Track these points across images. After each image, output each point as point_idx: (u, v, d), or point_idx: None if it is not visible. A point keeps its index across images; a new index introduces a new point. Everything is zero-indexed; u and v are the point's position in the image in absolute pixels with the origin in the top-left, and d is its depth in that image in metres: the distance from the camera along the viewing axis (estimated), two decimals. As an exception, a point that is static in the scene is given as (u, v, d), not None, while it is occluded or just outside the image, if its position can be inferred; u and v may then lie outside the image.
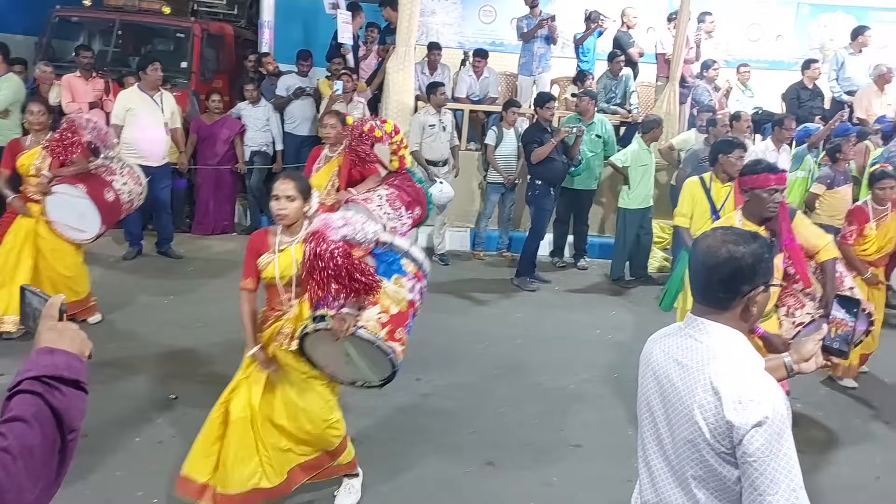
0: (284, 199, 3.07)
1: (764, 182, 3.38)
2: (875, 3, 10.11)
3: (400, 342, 3.04)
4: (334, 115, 5.19)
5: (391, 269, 3.09)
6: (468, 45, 9.75)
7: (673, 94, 8.35)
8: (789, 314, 3.61)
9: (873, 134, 7.76)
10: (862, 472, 4.14)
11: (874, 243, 5.13)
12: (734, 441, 1.62)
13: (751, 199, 3.45)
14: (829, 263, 3.70)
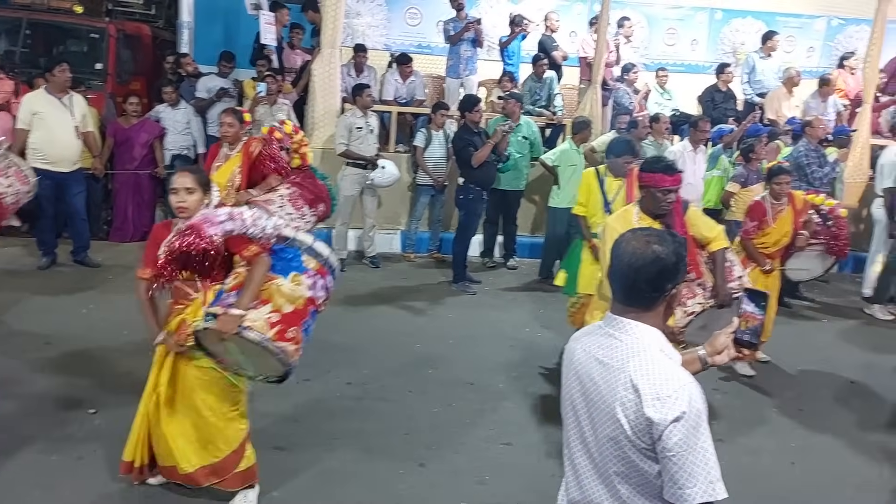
0: (184, 192, 3.07)
1: (660, 182, 3.51)
2: (782, 9, 10.63)
3: (292, 341, 2.97)
4: (231, 113, 5.16)
5: (290, 266, 3.04)
6: (394, 48, 9.74)
7: (595, 97, 8.55)
8: (681, 304, 3.70)
9: (784, 134, 8.14)
10: (778, 458, 4.33)
11: (772, 237, 5.37)
12: (654, 437, 1.65)
13: (646, 196, 3.58)
14: (719, 254, 3.85)
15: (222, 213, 2.96)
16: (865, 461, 4.23)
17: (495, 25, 9.86)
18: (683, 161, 7.15)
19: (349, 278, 7.27)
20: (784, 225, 5.37)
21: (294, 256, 3.07)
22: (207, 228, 2.88)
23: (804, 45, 10.88)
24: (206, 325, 2.88)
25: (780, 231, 5.36)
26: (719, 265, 3.81)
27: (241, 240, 2.96)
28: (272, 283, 2.97)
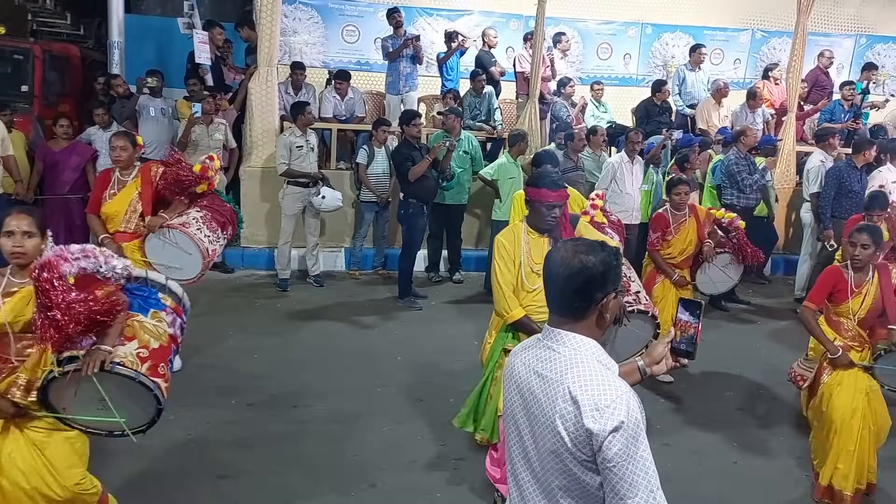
0: (20, 236, 2.76)
1: (544, 197, 3.48)
2: (709, 23, 11.02)
3: (163, 378, 2.87)
4: (123, 136, 4.96)
5: (148, 304, 2.97)
6: (333, 65, 9.71)
7: (533, 111, 8.68)
8: None
9: (715, 143, 8.42)
10: (721, 458, 4.44)
11: (676, 247, 5.49)
12: (594, 448, 1.65)
13: (532, 211, 3.56)
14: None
15: (76, 250, 2.77)
16: (803, 459, 4.35)
17: (433, 42, 9.95)
18: (622, 172, 7.35)
19: (293, 299, 7.18)
20: (687, 235, 5.49)
21: (150, 294, 3.00)
22: (62, 265, 2.66)
23: (731, 58, 11.29)
24: (69, 367, 2.65)
25: (684, 241, 5.48)
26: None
27: (93, 279, 2.79)
28: (133, 319, 2.87)
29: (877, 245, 3.94)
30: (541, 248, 3.51)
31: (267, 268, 7.92)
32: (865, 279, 3.98)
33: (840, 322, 4.04)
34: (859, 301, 3.96)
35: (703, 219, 5.60)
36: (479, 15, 10.26)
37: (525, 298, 3.54)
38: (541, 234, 3.56)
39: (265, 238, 8.13)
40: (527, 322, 3.50)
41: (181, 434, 4.30)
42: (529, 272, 3.50)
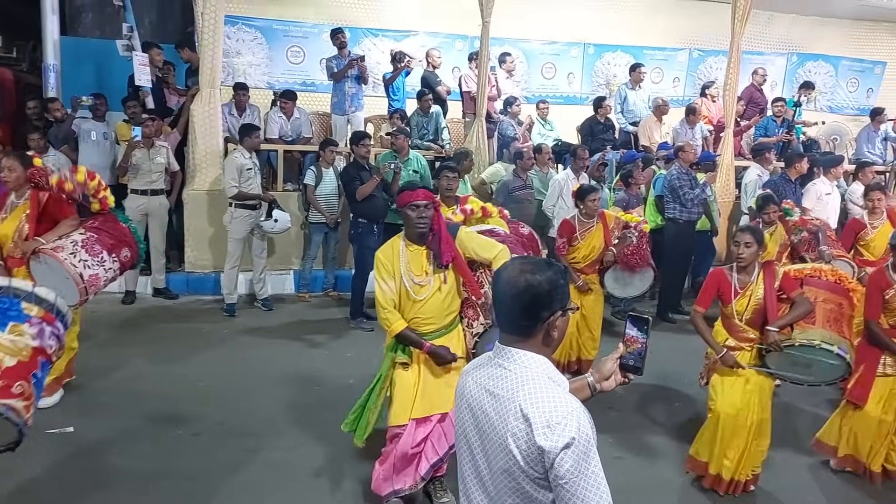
0: None
1: (407, 199, 3.46)
2: (648, 43, 11.33)
3: (21, 397, 2.72)
4: (13, 156, 4.80)
5: (7, 317, 2.81)
6: (278, 86, 9.63)
7: (481, 130, 8.75)
8: (469, 325, 3.74)
9: (659, 160, 8.62)
10: (673, 469, 4.49)
11: (581, 252, 5.64)
12: (546, 465, 1.65)
13: (405, 221, 3.53)
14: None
15: None
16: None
17: (379, 63, 9.97)
18: (568, 189, 7.44)
19: (240, 323, 7.03)
20: (592, 241, 5.66)
21: (11, 305, 2.84)
22: None
23: (670, 76, 11.63)
24: None
25: (588, 246, 5.64)
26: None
27: None
28: None
29: (759, 244, 4.02)
30: (420, 260, 3.52)
31: (213, 293, 7.74)
32: (749, 280, 4.04)
33: (732, 323, 4.11)
34: (744, 302, 4.03)
35: (610, 225, 5.74)
36: (425, 35, 10.33)
37: (410, 311, 3.55)
38: (419, 244, 3.53)
39: (210, 262, 7.96)
40: (408, 334, 3.53)
41: (124, 465, 4.15)
42: (412, 284, 3.50)
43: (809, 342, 3.91)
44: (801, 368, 4.03)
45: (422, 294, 3.52)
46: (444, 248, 3.51)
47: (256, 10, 9.78)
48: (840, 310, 4.13)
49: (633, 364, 1.96)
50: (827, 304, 4.10)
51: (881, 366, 4.22)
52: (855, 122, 11.74)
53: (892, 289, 4.17)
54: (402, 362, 3.63)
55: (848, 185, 8.86)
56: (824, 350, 3.89)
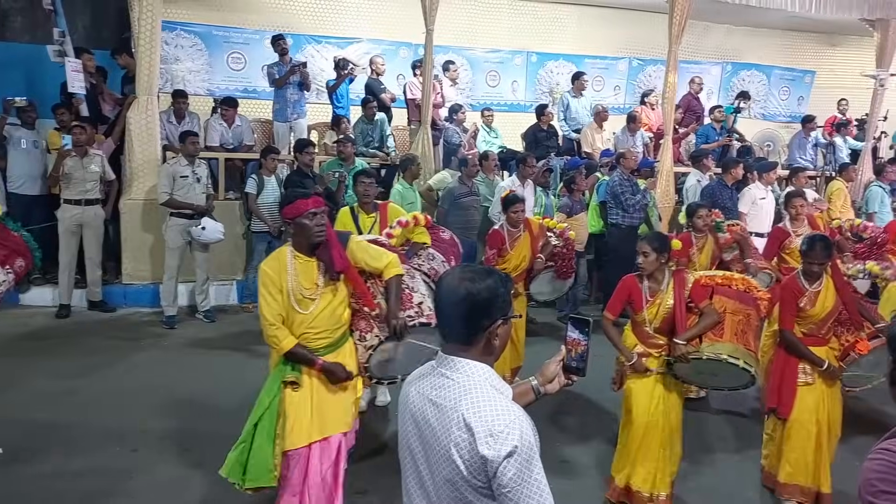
0: None
1: (302, 207, 3.27)
2: (589, 52, 11.54)
3: None
4: None
5: None
6: (218, 93, 9.45)
7: (426, 137, 8.75)
8: (362, 339, 3.60)
9: (602, 166, 8.76)
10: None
11: (512, 262, 5.54)
12: (489, 474, 1.64)
13: (297, 230, 3.33)
14: (392, 281, 3.63)
15: None
16: (699, 470, 4.53)
17: (322, 70, 9.88)
18: (513, 195, 7.50)
19: (181, 336, 6.84)
20: (522, 250, 5.60)
21: None
22: None
23: (611, 84, 11.86)
24: None
25: (519, 256, 5.59)
26: (393, 292, 3.60)
27: None
28: None
29: (659, 252, 3.95)
30: (310, 272, 3.33)
31: (152, 305, 7.51)
32: (659, 289, 4.00)
33: (642, 330, 4.07)
34: (654, 310, 3.99)
35: (536, 232, 5.72)
36: (368, 43, 10.30)
37: (299, 326, 3.35)
38: (309, 254, 3.35)
39: (149, 273, 7.73)
40: (299, 351, 3.34)
41: (63, 487, 3.98)
42: (301, 298, 3.30)
43: (716, 356, 3.87)
44: (709, 376, 4.04)
45: (309, 308, 3.33)
46: (335, 256, 3.36)
47: (196, 15, 9.59)
48: (748, 320, 4.06)
49: (575, 366, 1.97)
50: (735, 316, 4.04)
51: (801, 374, 4.16)
52: (787, 128, 12.19)
53: (804, 296, 4.12)
54: (291, 381, 3.38)
55: (782, 190, 9.17)
56: (730, 364, 3.86)
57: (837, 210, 8.82)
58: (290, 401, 3.38)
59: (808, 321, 4.16)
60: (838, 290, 4.17)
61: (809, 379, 4.14)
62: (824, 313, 4.12)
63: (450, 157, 8.97)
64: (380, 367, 3.70)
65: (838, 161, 10.12)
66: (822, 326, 4.17)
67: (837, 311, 4.17)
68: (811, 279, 4.13)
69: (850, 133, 10.85)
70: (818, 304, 4.11)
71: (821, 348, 4.17)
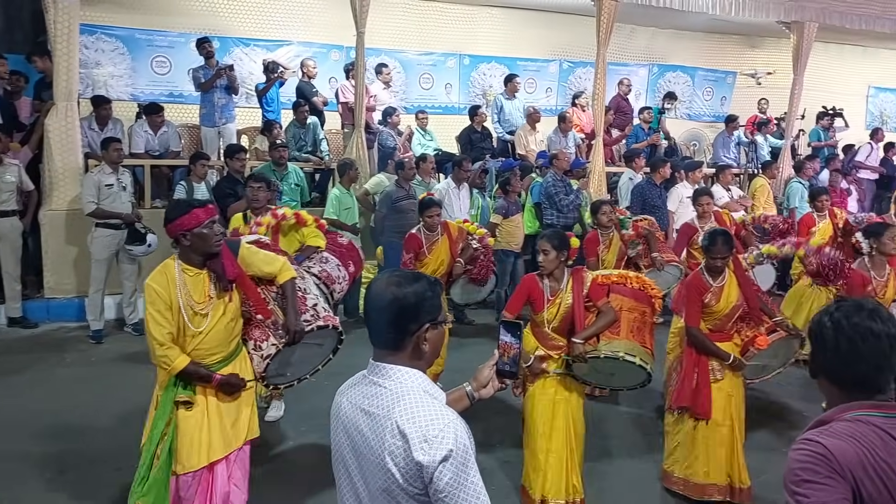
0: None
1: (199, 218, 3.12)
2: (520, 55, 11.67)
3: None
4: None
5: None
6: (143, 98, 9.15)
7: (360, 141, 8.67)
8: (257, 348, 3.47)
9: (536, 168, 8.86)
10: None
11: (430, 266, 5.47)
12: (425, 480, 1.63)
13: (194, 241, 3.13)
14: (287, 285, 3.56)
15: None
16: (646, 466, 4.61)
17: (252, 73, 9.70)
18: (449, 198, 7.52)
19: (109, 350, 6.58)
20: (440, 254, 5.54)
21: None
22: None
23: (543, 86, 12.03)
24: None
25: (437, 260, 5.52)
26: (290, 297, 3.53)
27: None
28: None
29: (558, 250, 3.91)
30: (201, 285, 3.18)
31: (78, 319, 7.20)
32: (559, 288, 3.96)
33: (541, 331, 4.01)
34: (554, 310, 3.94)
35: (455, 236, 5.68)
36: (298, 45, 10.15)
37: (190, 343, 3.18)
38: (200, 266, 3.18)
39: (73, 287, 7.41)
40: (194, 369, 3.17)
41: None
42: (193, 314, 3.14)
43: (614, 354, 3.88)
44: (607, 375, 4.04)
45: (202, 325, 3.16)
46: (227, 264, 3.22)
47: (117, 18, 9.26)
48: (643, 318, 4.08)
49: (508, 369, 1.97)
50: (631, 314, 4.05)
51: (711, 372, 4.14)
52: (711, 128, 12.61)
53: (709, 292, 4.13)
54: (184, 401, 3.21)
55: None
56: (627, 362, 3.88)
57: (761, 206, 9.18)
58: (185, 422, 3.20)
59: (713, 317, 4.19)
60: (740, 284, 4.22)
61: (719, 375, 4.15)
62: (729, 308, 4.16)
63: (385, 160, 8.92)
64: (275, 374, 3.64)
65: (760, 159, 10.53)
66: (727, 322, 4.21)
67: (741, 306, 4.21)
68: (714, 274, 4.17)
69: (770, 131, 11.30)
70: (723, 300, 4.15)
71: (726, 343, 4.20)
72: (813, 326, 1.82)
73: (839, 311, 1.75)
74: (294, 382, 3.81)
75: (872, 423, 1.66)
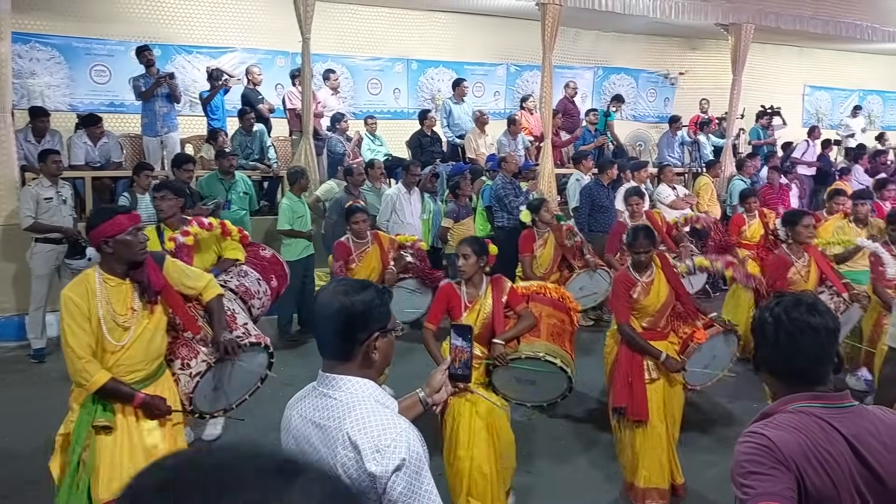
0: None
1: (122, 225, 3.00)
2: (468, 59, 11.74)
3: None
4: None
5: None
6: (82, 108, 8.90)
7: (308, 147, 8.58)
8: (185, 366, 3.28)
9: (486, 171, 8.91)
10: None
11: (360, 274, 5.40)
12: (379, 491, 1.62)
13: (117, 248, 3.00)
14: (213, 303, 3.39)
15: None
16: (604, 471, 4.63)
17: (195, 80, 9.52)
18: (400, 203, 7.50)
19: (51, 369, 6.33)
20: (370, 262, 5.49)
21: None
22: None
23: (491, 90, 12.12)
24: None
25: (367, 268, 5.46)
26: (216, 314, 3.38)
27: None
28: None
29: (478, 255, 3.88)
30: (123, 296, 3.04)
31: (17, 338, 6.93)
32: (478, 294, 3.90)
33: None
34: (473, 317, 3.85)
35: (386, 245, 5.63)
36: (243, 52, 10.02)
37: (110, 359, 3.02)
38: (123, 277, 3.04)
39: (13, 304, 7.13)
40: (114, 386, 3.00)
41: None
42: (114, 326, 2.99)
43: (535, 354, 3.81)
44: (527, 385, 3.93)
45: (123, 339, 3.01)
46: (152, 275, 3.09)
47: (52, 26, 8.99)
48: (563, 325, 4.07)
49: (461, 373, 1.97)
50: (550, 319, 4.04)
51: (647, 371, 4.07)
52: (655, 128, 12.90)
53: (636, 286, 4.13)
54: (103, 425, 3.03)
55: (654, 187, 9.65)
56: (548, 363, 3.78)
57: (705, 204, 9.41)
58: (101, 448, 3.03)
59: (644, 313, 4.17)
60: (670, 280, 4.22)
61: (655, 375, 4.08)
62: (660, 304, 4.15)
63: (334, 166, 8.85)
64: (207, 400, 3.39)
65: (703, 158, 10.80)
66: (660, 319, 4.19)
67: (672, 302, 4.21)
68: (640, 269, 4.19)
69: (712, 131, 11.59)
70: (652, 294, 4.14)
71: (661, 342, 4.16)
72: (755, 322, 1.87)
73: (779, 307, 1.80)
74: (222, 412, 3.54)
75: (813, 413, 1.71)
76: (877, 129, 14.48)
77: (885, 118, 15.78)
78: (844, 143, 13.14)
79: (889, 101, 15.87)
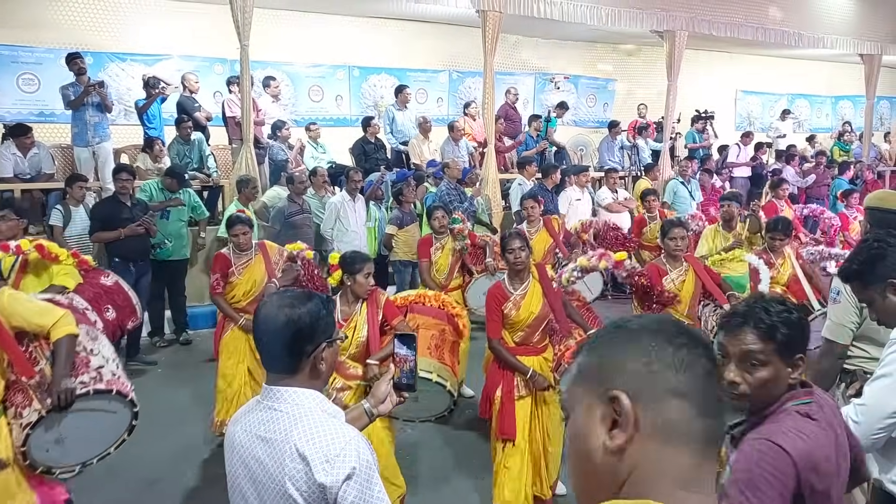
0: None
1: None
2: (410, 65, 11.75)
3: None
4: None
5: None
6: (9, 118, 8.55)
7: (249, 156, 8.42)
8: (17, 415, 2.84)
9: (429, 177, 8.92)
10: (470, 481, 4.62)
11: (241, 288, 5.07)
12: (329, 501, 1.61)
13: None
14: (62, 342, 2.92)
15: None
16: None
17: (130, 89, 9.26)
18: (345, 211, 7.44)
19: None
20: (253, 274, 5.10)
21: None
22: None
23: (434, 96, 12.16)
24: None
25: (249, 281, 5.09)
26: (58, 358, 2.89)
27: None
28: None
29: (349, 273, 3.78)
30: None
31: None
32: (352, 311, 3.79)
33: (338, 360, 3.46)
34: (349, 333, 3.72)
35: (274, 257, 5.26)
36: (180, 59, 9.80)
37: None
38: None
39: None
40: None
41: None
42: None
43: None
44: (411, 403, 3.60)
45: None
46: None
47: (-25, 33, 8.63)
48: (442, 336, 3.90)
49: (406, 382, 1.96)
50: (429, 331, 3.87)
51: (516, 388, 3.89)
52: (596, 133, 13.12)
53: (509, 301, 3.91)
54: None
55: (595, 191, 9.83)
56: (423, 379, 3.50)
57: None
58: None
59: (516, 328, 3.96)
60: (545, 293, 3.99)
61: (524, 392, 3.90)
62: (531, 319, 3.93)
63: (277, 174, 8.73)
64: (50, 454, 2.93)
65: (642, 161, 11.05)
66: (532, 333, 3.98)
67: (547, 315, 3.99)
68: (516, 281, 3.98)
69: (650, 135, 11.88)
70: (523, 309, 3.92)
71: (534, 358, 3.96)
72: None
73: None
74: (74, 470, 3.04)
75: (812, 415, 1.78)
76: (805, 132, 15.11)
77: (812, 121, 16.48)
78: (775, 144, 13.62)
79: (816, 105, 16.58)
